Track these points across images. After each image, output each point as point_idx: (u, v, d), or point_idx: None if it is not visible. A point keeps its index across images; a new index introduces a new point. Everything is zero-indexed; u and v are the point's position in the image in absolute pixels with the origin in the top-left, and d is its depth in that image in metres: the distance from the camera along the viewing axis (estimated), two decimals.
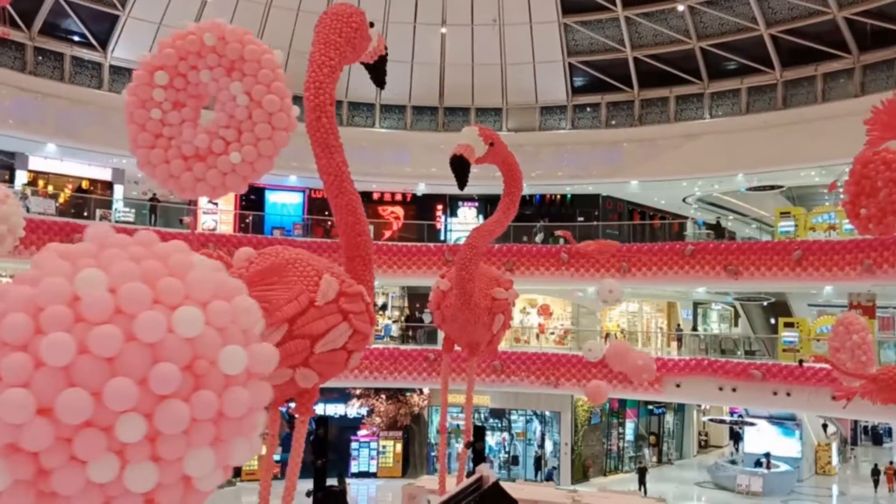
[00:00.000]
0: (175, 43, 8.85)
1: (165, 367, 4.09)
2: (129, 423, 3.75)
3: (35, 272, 4.13)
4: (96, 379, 3.79)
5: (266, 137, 8.46)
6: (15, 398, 3.69)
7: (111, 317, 3.92)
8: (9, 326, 3.87)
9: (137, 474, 3.97)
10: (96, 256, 4.29)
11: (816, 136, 23.13)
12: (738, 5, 23.80)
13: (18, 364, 3.73)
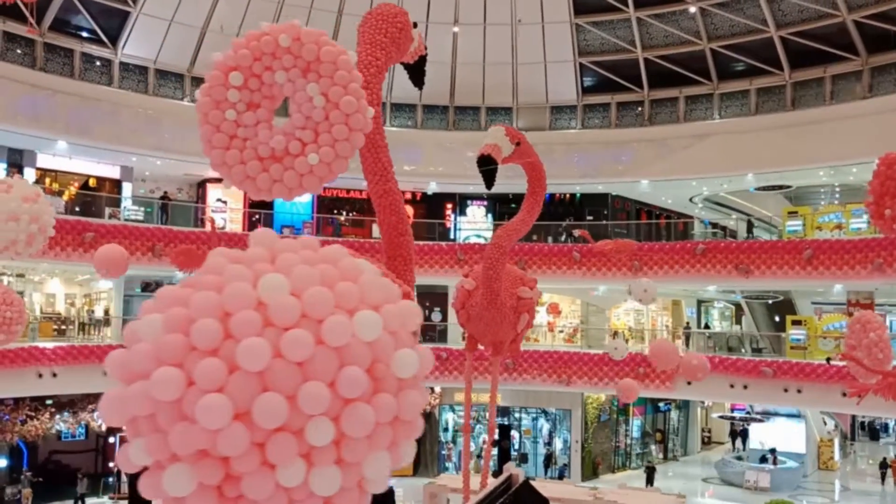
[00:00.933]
0: (249, 44, 8.89)
1: (353, 370, 4.19)
2: (319, 426, 3.82)
3: (213, 277, 4.21)
4: (290, 383, 3.87)
5: (343, 139, 8.53)
6: (214, 403, 3.76)
7: (298, 321, 4.01)
8: (200, 332, 3.94)
9: (324, 478, 4.05)
10: (272, 261, 4.40)
11: (824, 136, 23.48)
12: (749, 7, 24.10)
13: (213, 369, 3.80)
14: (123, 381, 4.11)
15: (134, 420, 4.08)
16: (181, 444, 3.82)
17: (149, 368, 4.04)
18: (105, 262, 11.76)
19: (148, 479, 4.18)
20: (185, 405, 3.86)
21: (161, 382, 3.89)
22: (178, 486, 3.85)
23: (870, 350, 12.65)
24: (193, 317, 4.06)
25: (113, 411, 4.03)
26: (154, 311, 4.25)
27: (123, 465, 4.31)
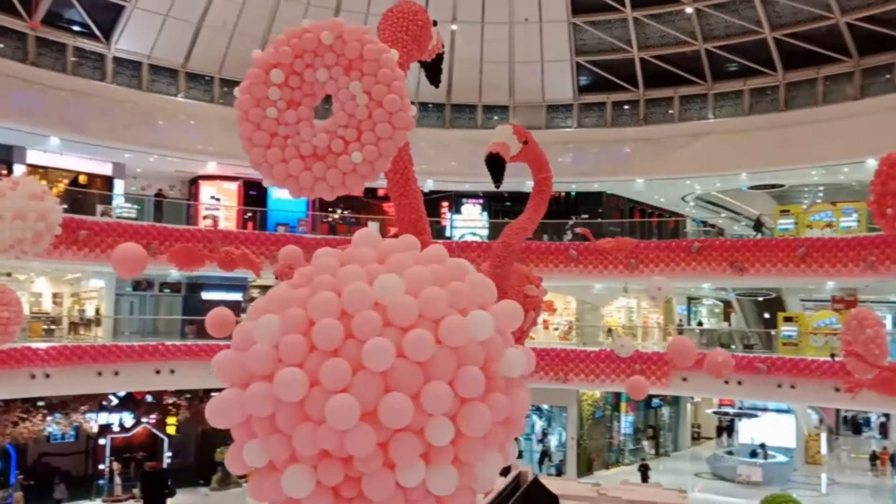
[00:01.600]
0: (290, 41, 8.88)
1: (472, 370, 4.23)
2: (440, 426, 3.85)
3: (328, 278, 4.23)
4: (414, 384, 3.90)
5: (387, 137, 8.52)
6: (343, 404, 3.77)
7: (417, 321, 4.04)
8: (323, 332, 3.96)
9: (442, 478, 4.08)
10: (382, 261, 4.43)
11: (817, 137, 23.81)
12: (744, 9, 24.37)
13: (339, 370, 3.82)
14: (235, 383, 4.11)
15: (248, 422, 4.09)
16: (305, 445, 3.84)
17: (268, 370, 4.06)
18: (124, 261, 11.68)
19: (259, 481, 4.19)
20: (308, 406, 3.88)
21: (286, 383, 3.90)
22: (298, 486, 3.86)
23: (866, 346, 12.86)
24: (313, 318, 4.08)
25: (228, 413, 4.04)
26: (267, 312, 4.26)
27: (234, 467, 4.32)
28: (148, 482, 23.33)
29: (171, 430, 25.69)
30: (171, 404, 25.53)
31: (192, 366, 23.49)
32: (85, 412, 24.38)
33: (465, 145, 27.57)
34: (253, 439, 4.02)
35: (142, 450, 25.47)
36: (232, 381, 4.27)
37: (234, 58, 25.92)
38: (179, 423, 25.61)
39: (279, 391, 3.89)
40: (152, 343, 23.92)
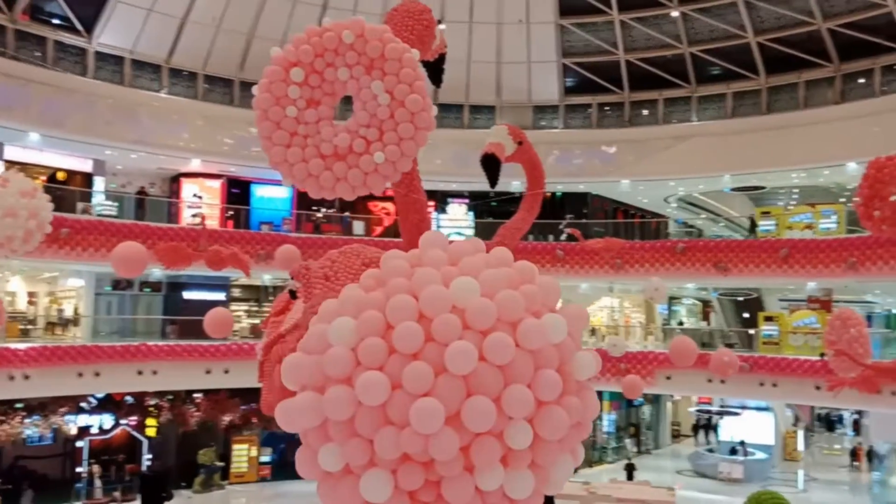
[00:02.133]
0: (311, 39, 8.83)
1: (550, 374, 4.24)
2: (520, 430, 3.86)
3: (402, 280, 4.21)
4: (495, 387, 3.90)
5: (409, 137, 8.50)
6: (429, 407, 3.77)
7: (495, 324, 4.04)
8: (403, 336, 3.95)
9: (520, 482, 4.09)
10: (454, 264, 4.41)
11: (798, 140, 24.16)
12: (729, 13, 24.67)
13: (422, 373, 3.82)
14: (309, 387, 4.07)
15: (323, 426, 4.06)
16: (387, 449, 3.83)
17: (346, 373, 4.03)
18: (124, 260, 11.51)
19: (332, 486, 4.16)
20: (389, 410, 3.86)
21: (368, 387, 3.89)
22: (377, 491, 3.86)
23: (850, 346, 13.11)
24: (391, 321, 4.06)
25: (303, 416, 4.01)
26: (340, 314, 4.24)
27: (306, 472, 4.29)
28: (147, 485, 23.09)
29: (150, 433, 25.36)
30: (153, 406, 25.22)
31: (174, 366, 23.24)
32: (64, 414, 23.99)
33: (452, 145, 27.58)
34: (328, 443, 3.99)
35: (120, 452, 25.11)
36: (302, 384, 4.23)
37: (219, 54, 25.70)
38: (160, 424, 25.30)
39: (361, 395, 3.87)
40: (134, 343, 23.60)
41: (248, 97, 26.33)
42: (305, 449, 4.18)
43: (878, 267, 21.40)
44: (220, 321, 13.63)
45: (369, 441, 3.82)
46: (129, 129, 24.93)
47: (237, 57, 25.93)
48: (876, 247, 21.48)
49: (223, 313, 16.20)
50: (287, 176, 9.45)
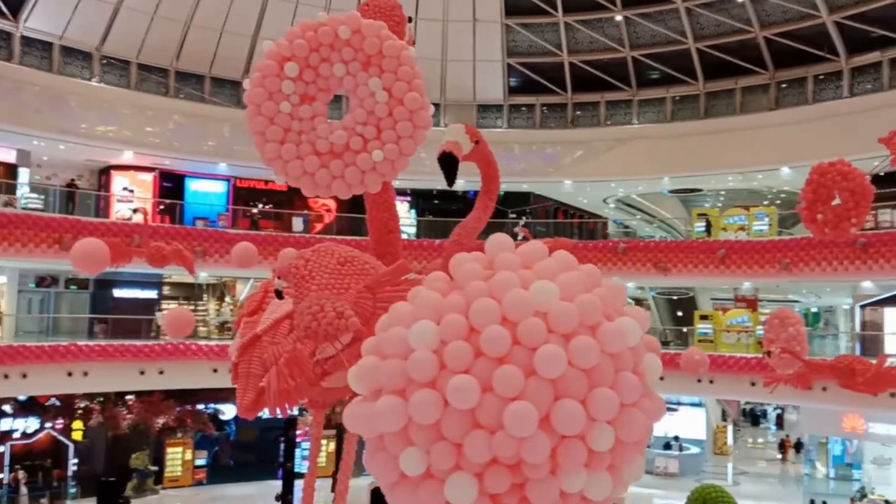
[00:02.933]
0: (305, 34, 8.57)
1: (630, 376, 4.26)
2: (603, 432, 3.87)
3: (480, 284, 4.12)
4: (581, 390, 3.88)
5: (407, 136, 8.36)
6: (523, 411, 3.71)
7: (578, 328, 4.00)
8: (491, 340, 3.88)
9: (601, 483, 4.10)
10: (528, 267, 4.32)
11: (734, 144, 24.86)
12: (670, 19, 25.20)
13: (514, 377, 3.76)
14: (389, 390, 3.93)
15: (404, 430, 3.95)
16: (478, 453, 3.78)
17: (430, 377, 3.93)
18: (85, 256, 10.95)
19: (409, 489, 4.04)
20: (479, 414, 3.78)
21: (459, 390, 3.83)
22: (463, 495, 3.86)
23: (788, 344, 13.59)
24: (475, 324, 3.98)
25: (384, 420, 3.90)
26: (417, 317, 4.11)
27: (382, 476, 4.13)
28: (104, 491, 22.28)
29: (76, 436, 24.34)
30: (82, 408, 24.20)
31: (106, 367, 22.35)
32: None
33: None
34: (411, 447, 3.87)
35: (44, 457, 24.02)
36: (374, 387, 4.08)
37: (155, 42, 24.81)
38: (89, 428, 24.31)
39: (452, 398, 3.79)
40: (63, 343, 22.59)
41: (185, 87, 25.73)
42: (380, 452, 4.06)
43: (810, 268, 22.22)
44: (181, 321, 13.15)
45: (456, 444, 3.72)
46: (57, 118, 23.85)
47: (173, 46, 25.10)
48: (809, 248, 22.30)
49: (183, 313, 15.63)
50: (280, 173, 9.11)
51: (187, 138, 25.10)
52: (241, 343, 8.07)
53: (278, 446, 26.77)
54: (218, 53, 25.47)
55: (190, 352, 23.36)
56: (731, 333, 26.04)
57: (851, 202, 9.97)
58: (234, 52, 25.73)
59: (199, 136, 25.16)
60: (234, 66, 25.98)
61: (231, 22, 25.06)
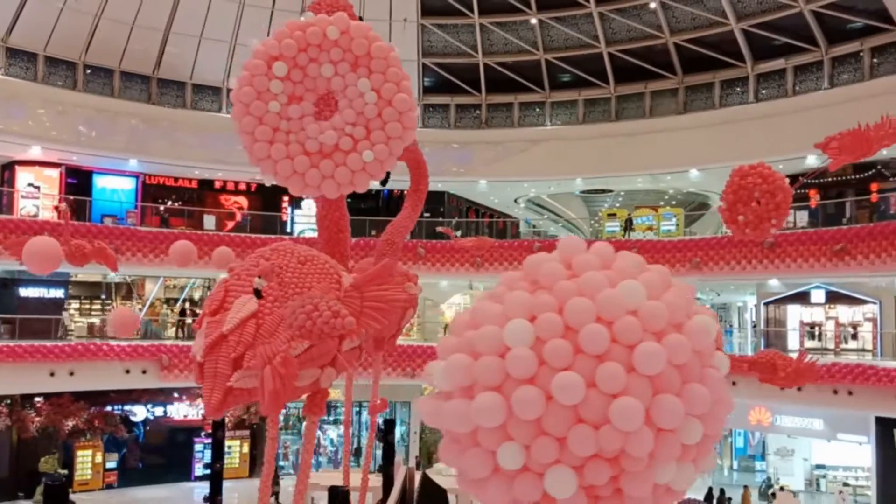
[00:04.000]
0: (293, 33, 8.53)
1: (716, 373, 4.53)
2: (694, 426, 4.13)
3: (569, 284, 4.30)
4: (676, 386, 4.12)
5: (397, 136, 8.46)
6: (630, 406, 3.92)
7: (666, 327, 4.26)
8: (591, 338, 4.07)
9: (686, 474, 4.36)
10: (608, 268, 4.54)
11: (644, 147, 25.70)
12: (583, 23, 25.87)
13: (617, 373, 3.97)
14: (486, 387, 4.05)
15: (503, 426, 4.09)
16: (583, 446, 3.93)
17: (529, 374, 4.09)
18: (37, 256, 10.57)
19: (500, 484, 4.18)
20: (583, 409, 3.96)
21: (567, 388, 3.98)
22: (564, 486, 3.97)
23: None
24: (571, 324, 4.16)
25: (486, 416, 4.01)
26: (507, 317, 4.26)
27: (475, 469, 4.26)
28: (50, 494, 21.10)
29: None
30: None
31: (14, 369, 21.32)
32: None
33: None
34: (509, 441, 4.00)
35: None
36: (464, 384, 4.18)
37: (63, 35, 23.62)
38: None
39: (559, 394, 3.92)
40: None
41: (94, 82, 24.71)
42: (473, 447, 4.13)
43: (719, 266, 23.32)
44: (126, 320, 12.75)
45: (557, 439, 3.88)
46: None
47: (83, 39, 23.96)
48: (718, 247, 23.42)
49: (128, 313, 15.13)
50: (269, 172, 9.03)
51: (96, 133, 24.07)
52: (207, 343, 7.93)
53: (189, 448, 26.23)
54: (129, 48, 24.52)
55: (101, 352, 22.54)
56: None
57: (772, 204, 10.66)
58: (145, 47, 24.86)
59: (108, 132, 24.19)
60: (146, 60, 25.12)
61: (143, 16, 24.17)
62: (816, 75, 23.26)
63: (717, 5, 23.79)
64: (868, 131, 9.86)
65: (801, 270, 21.79)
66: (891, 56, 21.62)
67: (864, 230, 20.62)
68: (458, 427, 4.34)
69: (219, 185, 27.92)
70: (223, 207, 27.89)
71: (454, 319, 4.63)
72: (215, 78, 26.27)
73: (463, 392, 4.29)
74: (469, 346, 4.38)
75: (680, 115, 26.03)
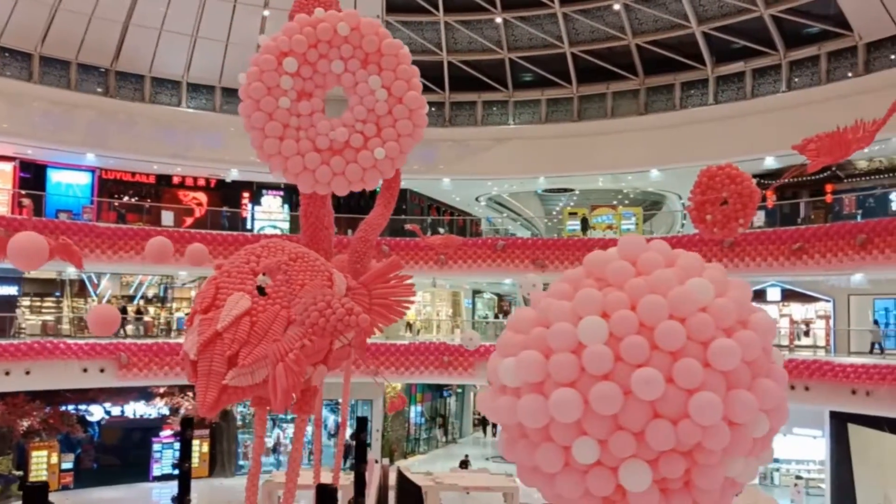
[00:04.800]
0: (303, 29, 8.44)
1: (779, 368, 4.66)
2: (762, 420, 4.25)
3: (640, 280, 4.38)
4: (747, 381, 4.25)
5: (407, 134, 8.43)
6: (710, 401, 4.02)
7: (734, 324, 4.37)
8: (668, 335, 4.15)
9: (751, 467, 4.48)
10: (672, 265, 4.63)
11: (605, 147, 26.06)
12: (548, 23, 26.09)
13: (695, 369, 4.06)
14: (558, 383, 4.11)
15: (578, 421, 4.15)
16: (662, 441, 4.02)
17: (606, 370, 4.15)
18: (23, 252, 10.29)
19: (572, 478, 4.25)
20: (661, 405, 4.05)
21: (649, 383, 4.06)
22: (639, 480, 4.06)
23: None
24: (645, 321, 4.24)
25: (563, 411, 4.06)
26: (577, 314, 4.32)
27: (548, 464, 4.30)
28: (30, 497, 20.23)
29: None
30: None
31: None
32: None
33: None
34: (584, 437, 4.05)
35: None
36: (535, 380, 4.22)
37: (18, 25, 22.89)
38: None
39: (639, 390, 3.99)
40: None
41: (49, 73, 24.07)
42: (545, 442, 4.18)
43: None
44: (108, 318, 12.44)
45: (633, 434, 3.95)
46: None
47: (38, 30, 23.24)
48: (679, 246, 23.70)
49: (109, 310, 14.76)
50: (279, 169, 8.96)
51: (53, 126, 23.38)
52: (202, 340, 7.83)
53: (147, 448, 25.72)
54: (87, 39, 23.87)
55: (59, 351, 21.94)
56: None
57: (739, 204, 10.96)
58: (103, 39, 24.25)
59: (65, 125, 23.50)
60: (104, 52, 24.50)
61: (102, 7, 23.55)
62: (774, 78, 23.87)
63: (679, 8, 24.21)
64: (846, 133, 10.19)
65: (759, 269, 22.35)
66: (846, 61, 22.31)
67: (821, 230, 21.26)
68: (531, 423, 4.38)
69: (177, 180, 27.41)
70: (181, 203, 27.39)
71: (514, 317, 4.66)
72: (175, 71, 25.76)
73: (533, 388, 4.32)
74: (539, 343, 4.41)
75: (641, 115, 26.39)
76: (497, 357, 4.59)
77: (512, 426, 4.46)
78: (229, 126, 25.47)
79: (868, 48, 21.82)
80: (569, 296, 4.53)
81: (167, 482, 25.50)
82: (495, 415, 4.54)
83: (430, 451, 31.42)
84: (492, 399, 4.55)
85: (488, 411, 4.54)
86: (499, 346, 4.60)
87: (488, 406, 4.58)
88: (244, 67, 24.24)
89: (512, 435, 4.52)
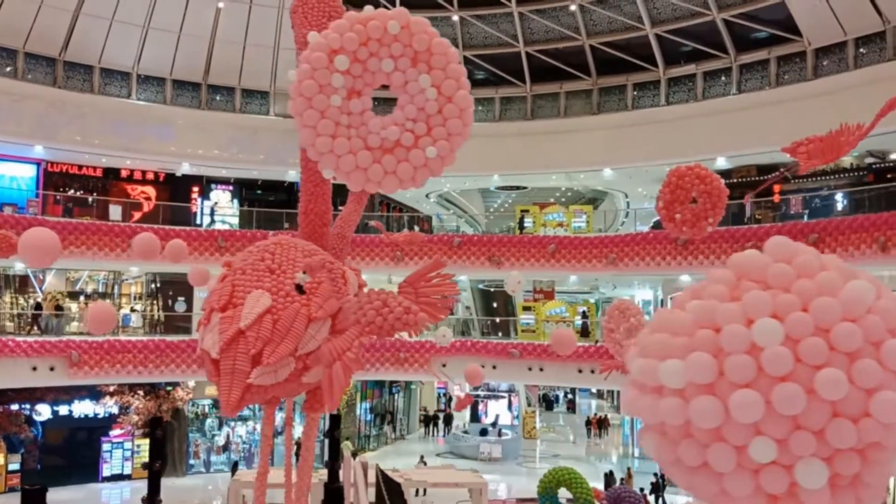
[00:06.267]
0: (354, 27, 8.31)
1: None
2: None
3: (806, 283, 4.52)
4: None
5: (457, 133, 8.42)
6: (892, 400, 4.21)
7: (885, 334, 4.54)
8: (845, 335, 4.31)
9: None
10: (824, 269, 4.78)
11: (558, 146, 26.48)
12: (503, 22, 26.31)
13: (874, 369, 4.23)
14: (735, 384, 4.23)
15: (755, 422, 4.26)
16: (844, 439, 4.19)
17: (786, 371, 4.29)
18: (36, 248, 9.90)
19: (744, 477, 4.37)
20: (843, 405, 4.23)
21: (833, 384, 4.21)
22: (817, 478, 4.22)
23: (629, 333, 15.10)
24: (820, 322, 4.37)
25: (744, 412, 4.18)
26: (746, 315, 4.43)
27: (720, 463, 4.41)
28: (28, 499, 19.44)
29: None
30: None
31: None
32: None
33: (223, 129, 26.22)
34: (761, 437, 4.17)
35: None
36: (704, 380, 4.32)
37: None
38: None
39: (825, 390, 4.13)
40: None
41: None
42: (718, 444, 4.27)
43: (635, 262, 24.33)
44: (104, 316, 12.02)
45: (813, 433, 4.10)
46: None
47: None
48: (633, 244, 24.42)
49: (106, 307, 14.25)
50: (330, 167, 8.90)
51: None
52: (224, 339, 7.71)
53: (96, 448, 24.86)
54: (35, 27, 22.84)
55: (7, 349, 21.02)
56: (551, 323, 27.89)
57: (709, 203, 11.37)
58: (52, 28, 23.26)
59: (11, 116, 22.47)
60: (53, 42, 23.51)
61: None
62: (725, 81, 24.69)
63: (633, 10, 24.77)
64: (837, 136, 10.69)
65: (712, 267, 23.05)
66: (796, 65, 23.24)
67: (773, 229, 22.08)
68: (705, 423, 4.44)
69: (125, 173, 26.52)
70: (129, 197, 26.51)
71: (661, 318, 4.72)
72: (125, 63, 24.90)
73: (703, 389, 4.40)
74: (706, 345, 4.48)
75: (593, 115, 26.89)
76: (646, 359, 4.64)
77: (675, 427, 4.51)
78: (179, 119, 24.80)
79: (817, 53, 22.79)
80: (727, 297, 4.60)
81: (117, 482, 24.79)
82: (653, 415, 4.59)
83: (380, 448, 31.36)
84: (644, 400, 4.59)
85: (638, 411, 4.58)
86: (645, 347, 4.64)
87: (638, 406, 4.62)
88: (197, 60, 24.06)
89: (673, 436, 4.56)
